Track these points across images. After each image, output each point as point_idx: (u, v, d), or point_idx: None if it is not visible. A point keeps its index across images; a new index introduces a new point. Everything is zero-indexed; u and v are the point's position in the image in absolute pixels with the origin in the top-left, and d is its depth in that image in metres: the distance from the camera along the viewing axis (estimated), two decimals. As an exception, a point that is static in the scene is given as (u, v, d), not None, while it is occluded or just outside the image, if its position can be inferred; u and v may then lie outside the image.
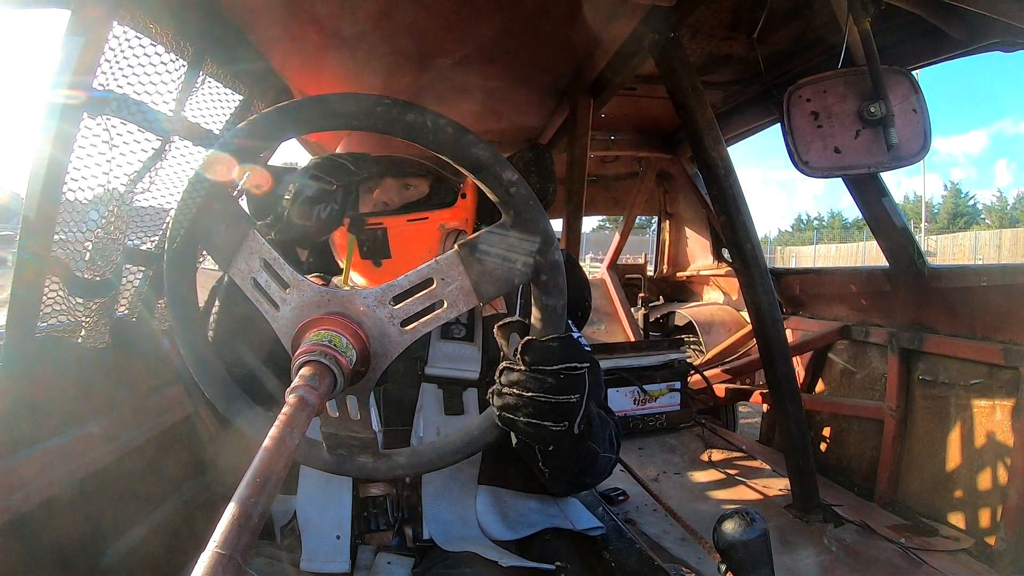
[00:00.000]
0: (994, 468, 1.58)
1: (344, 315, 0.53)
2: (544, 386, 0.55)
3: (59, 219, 0.92)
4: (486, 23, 1.49)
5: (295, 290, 0.54)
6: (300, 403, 0.44)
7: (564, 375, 0.55)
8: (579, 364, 0.56)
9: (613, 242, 4.02)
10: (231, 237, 0.56)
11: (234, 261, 0.57)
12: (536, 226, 0.52)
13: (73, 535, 0.99)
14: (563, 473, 0.71)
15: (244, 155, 0.56)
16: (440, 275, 0.53)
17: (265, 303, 0.56)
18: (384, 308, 0.54)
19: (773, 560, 0.68)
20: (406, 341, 0.54)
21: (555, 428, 0.57)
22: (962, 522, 1.63)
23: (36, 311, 0.94)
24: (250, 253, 0.56)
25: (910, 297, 1.87)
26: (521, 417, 0.56)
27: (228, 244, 0.57)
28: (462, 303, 0.54)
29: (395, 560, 0.76)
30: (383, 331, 0.54)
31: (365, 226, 0.82)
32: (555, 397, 0.55)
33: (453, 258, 0.53)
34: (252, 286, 0.56)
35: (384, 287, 0.54)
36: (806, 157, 1.39)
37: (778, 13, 1.56)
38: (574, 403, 0.57)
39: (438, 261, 0.53)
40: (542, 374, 0.55)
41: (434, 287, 0.53)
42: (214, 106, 1.26)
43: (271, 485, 0.37)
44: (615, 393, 2.31)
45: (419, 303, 0.53)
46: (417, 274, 0.53)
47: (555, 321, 0.55)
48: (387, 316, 0.54)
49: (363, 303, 0.54)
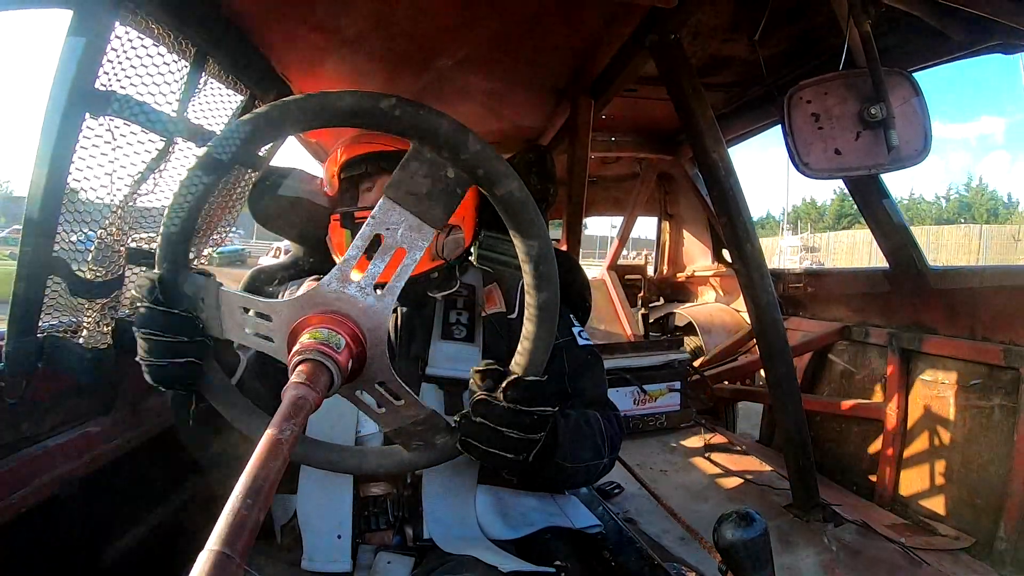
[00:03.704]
0: (994, 468, 1.58)
1: (321, 309, 0.53)
2: (518, 424, 0.59)
3: (61, 219, 0.92)
4: (487, 24, 1.49)
5: (275, 316, 0.55)
6: (295, 401, 0.44)
7: (537, 416, 0.60)
8: (550, 408, 0.62)
9: (613, 242, 4.02)
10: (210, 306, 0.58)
11: (225, 327, 0.58)
12: (441, 130, 0.51)
13: (73, 535, 0.99)
14: (528, 484, 0.76)
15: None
16: (383, 227, 0.53)
17: (263, 343, 0.56)
18: (350, 284, 0.54)
19: (773, 560, 0.68)
20: (388, 304, 0.54)
21: (512, 458, 0.61)
22: (962, 522, 1.63)
23: (37, 311, 0.94)
24: (230, 310, 0.57)
25: (910, 298, 1.87)
26: (483, 445, 0.60)
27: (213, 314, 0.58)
28: (419, 239, 0.53)
29: (395, 559, 0.76)
30: (361, 306, 0.54)
31: (355, 220, 0.83)
32: (523, 434, 0.60)
33: (385, 204, 0.53)
34: (247, 336, 0.57)
35: (337, 266, 0.54)
36: (807, 159, 1.39)
37: (779, 15, 1.56)
38: (536, 439, 0.62)
39: (373, 216, 0.53)
40: (520, 414, 0.59)
41: (385, 241, 0.53)
42: (216, 107, 1.26)
43: (269, 484, 0.37)
44: (615, 393, 2.29)
45: (379, 263, 0.53)
46: (361, 238, 0.53)
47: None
48: (357, 290, 0.54)
49: (328, 290, 0.54)
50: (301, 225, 1.08)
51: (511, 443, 0.60)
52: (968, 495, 1.64)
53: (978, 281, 1.69)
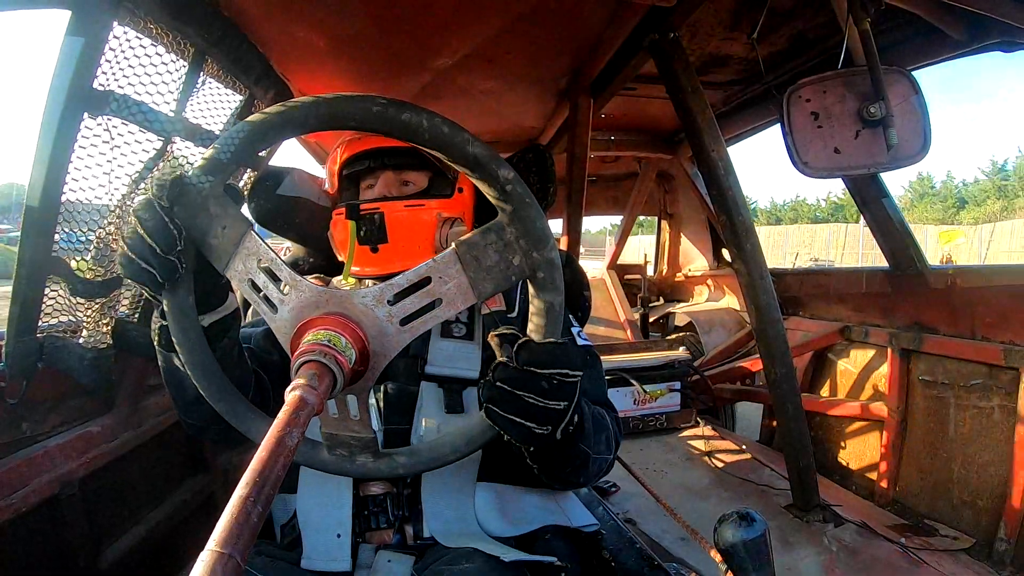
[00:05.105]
0: (994, 468, 1.58)
1: (343, 314, 0.53)
2: (534, 388, 0.55)
3: (60, 219, 0.92)
4: (486, 23, 1.49)
5: (293, 291, 0.54)
6: (299, 403, 0.44)
7: (556, 380, 0.55)
8: (571, 372, 0.56)
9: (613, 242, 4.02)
10: (228, 239, 0.56)
11: (231, 263, 0.56)
12: (532, 224, 0.52)
13: (73, 535, 0.99)
14: (552, 471, 0.71)
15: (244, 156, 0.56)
16: (438, 273, 0.53)
17: (263, 304, 0.55)
18: (383, 307, 0.54)
19: (773, 560, 0.68)
20: (404, 340, 0.55)
21: (537, 430, 0.57)
22: (962, 522, 1.63)
23: (37, 311, 0.94)
24: (247, 255, 0.55)
25: (910, 297, 1.87)
26: (505, 413, 0.56)
27: (225, 246, 0.56)
28: (460, 301, 0.54)
29: (396, 558, 0.76)
30: (382, 330, 0.54)
31: (361, 211, 0.83)
32: (542, 400, 0.56)
33: (450, 257, 0.53)
34: (249, 287, 0.56)
35: (382, 286, 0.54)
36: (806, 157, 1.39)
37: (778, 13, 1.57)
38: (560, 409, 0.57)
39: (436, 260, 0.53)
40: (534, 376, 0.55)
41: (432, 286, 0.53)
42: (215, 106, 1.26)
43: (270, 484, 0.37)
44: (615, 393, 2.31)
45: (417, 301, 0.53)
46: (415, 273, 0.53)
47: (553, 318, 0.55)
48: (385, 315, 0.54)
49: (361, 302, 0.53)
50: (301, 225, 1.08)
51: (532, 411, 0.56)
52: (968, 495, 1.64)
53: (978, 281, 1.69)
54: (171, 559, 1.24)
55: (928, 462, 1.77)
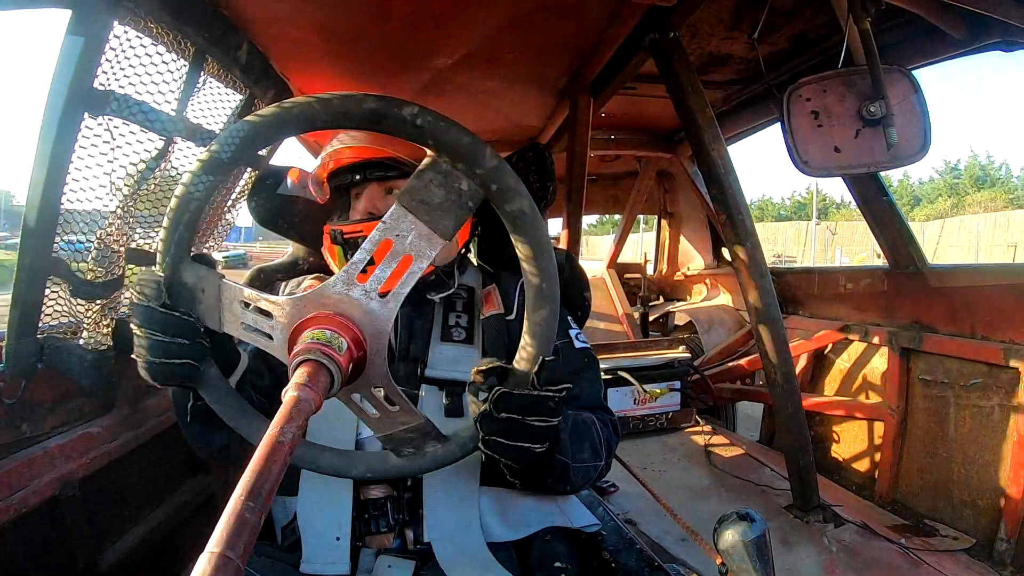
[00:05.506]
0: (994, 468, 1.58)
1: (322, 311, 0.53)
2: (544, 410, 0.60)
3: (61, 219, 0.92)
4: (486, 22, 1.49)
5: (277, 313, 0.55)
6: (297, 402, 0.44)
7: (558, 397, 0.61)
8: (549, 419, 0.61)
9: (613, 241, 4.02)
10: (211, 297, 0.57)
11: (223, 318, 0.57)
12: (459, 143, 0.51)
13: (73, 536, 0.99)
14: (532, 484, 0.74)
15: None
16: (393, 232, 0.53)
17: (261, 339, 0.56)
18: (356, 288, 0.54)
19: (773, 560, 0.68)
20: (392, 310, 0.54)
21: (531, 447, 0.62)
22: (962, 522, 1.63)
23: (38, 312, 0.94)
24: (230, 301, 0.57)
25: (910, 297, 1.87)
26: (509, 442, 0.60)
27: (212, 304, 0.57)
28: (428, 248, 0.53)
29: (396, 563, 0.76)
30: (365, 309, 0.54)
31: (345, 237, 0.84)
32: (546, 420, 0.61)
33: (398, 212, 0.53)
34: (245, 331, 0.57)
35: (344, 268, 0.54)
36: (806, 157, 1.39)
37: (778, 13, 1.56)
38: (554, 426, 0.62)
39: (385, 221, 0.53)
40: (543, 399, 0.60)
41: (394, 247, 0.53)
42: (215, 106, 1.26)
43: (269, 486, 0.37)
44: (615, 393, 2.31)
45: (386, 268, 0.53)
46: (370, 242, 0.53)
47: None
48: (362, 294, 0.54)
49: (334, 292, 0.54)
50: (301, 225, 1.08)
51: (536, 432, 0.60)
52: (968, 495, 1.64)
53: (978, 280, 1.69)
54: (171, 560, 1.24)
55: (928, 462, 1.77)
